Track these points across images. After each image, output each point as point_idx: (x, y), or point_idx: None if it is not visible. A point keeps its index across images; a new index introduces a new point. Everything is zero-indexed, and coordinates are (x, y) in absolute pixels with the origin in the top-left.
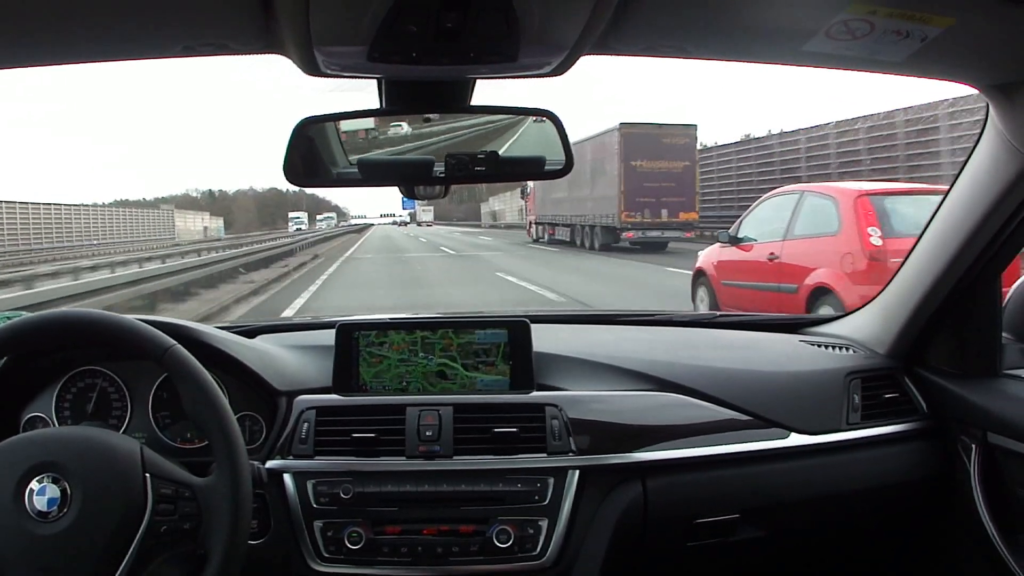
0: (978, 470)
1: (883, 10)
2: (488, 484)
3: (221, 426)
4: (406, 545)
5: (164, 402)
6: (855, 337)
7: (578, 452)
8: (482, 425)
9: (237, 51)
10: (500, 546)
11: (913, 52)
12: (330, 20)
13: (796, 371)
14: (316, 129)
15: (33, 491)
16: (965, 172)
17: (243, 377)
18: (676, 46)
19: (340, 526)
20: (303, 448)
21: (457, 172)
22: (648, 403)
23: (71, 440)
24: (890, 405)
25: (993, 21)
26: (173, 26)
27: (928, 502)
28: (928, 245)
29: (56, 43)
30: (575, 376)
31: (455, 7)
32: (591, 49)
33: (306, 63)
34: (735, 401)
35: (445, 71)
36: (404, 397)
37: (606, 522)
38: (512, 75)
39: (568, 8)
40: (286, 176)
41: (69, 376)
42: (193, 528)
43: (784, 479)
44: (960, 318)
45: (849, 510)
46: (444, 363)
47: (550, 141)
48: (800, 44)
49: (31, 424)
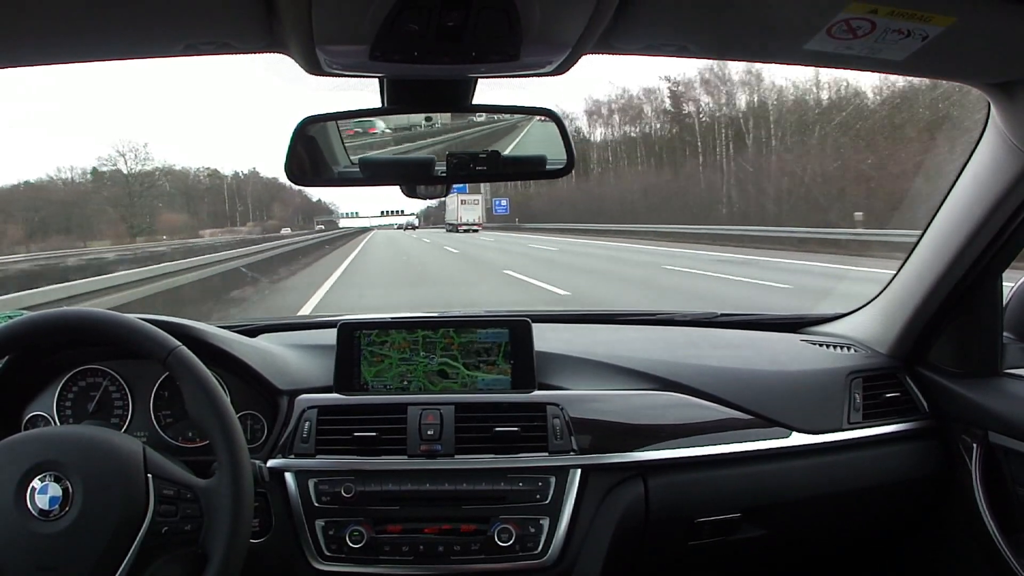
0: (979, 469)
1: (884, 9)
2: (489, 483)
3: (223, 427)
4: (407, 544)
5: (165, 401)
6: (856, 336)
7: (579, 451)
8: (483, 424)
9: (239, 50)
10: (501, 545)
11: (914, 51)
12: (332, 19)
13: (797, 370)
14: (318, 128)
15: (35, 489)
16: (966, 171)
17: (245, 376)
18: (677, 45)
19: (342, 525)
20: (304, 447)
21: (458, 172)
22: (649, 402)
23: (73, 439)
24: (891, 404)
25: (994, 20)
26: (175, 25)
27: (929, 501)
28: (929, 244)
29: (57, 42)
30: (576, 375)
31: (457, 6)
32: (593, 48)
33: (308, 62)
34: (736, 400)
35: (447, 70)
36: (405, 396)
37: (607, 521)
38: (514, 74)
39: (570, 7)
40: (287, 175)
41: (70, 375)
42: (194, 529)
43: (785, 478)
44: (961, 317)
45: (850, 509)
46: (445, 362)
47: (551, 140)
48: (801, 43)
49: (32, 423)
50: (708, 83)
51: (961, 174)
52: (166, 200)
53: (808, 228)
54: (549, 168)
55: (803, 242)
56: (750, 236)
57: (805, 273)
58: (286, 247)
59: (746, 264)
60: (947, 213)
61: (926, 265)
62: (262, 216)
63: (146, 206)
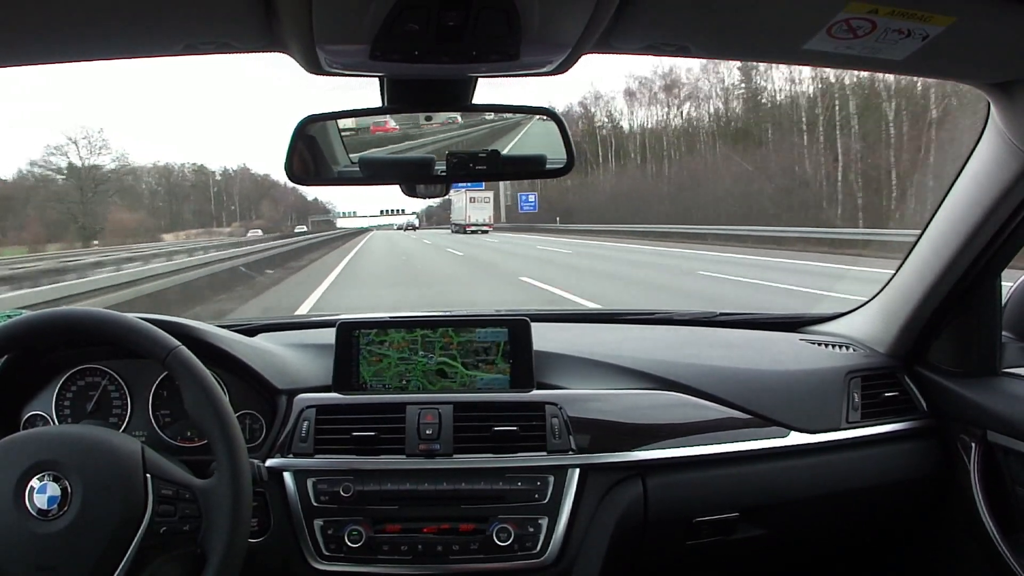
0: (978, 469)
1: (884, 9)
2: (488, 482)
3: (222, 426)
4: (406, 543)
5: (164, 400)
6: (855, 336)
7: (578, 451)
8: (482, 423)
9: (239, 49)
10: (500, 544)
11: (914, 51)
12: (332, 18)
13: (796, 370)
14: (318, 127)
15: (33, 489)
16: (966, 170)
17: (243, 376)
18: (677, 45)
19: (340, 524)
20: (303, 446)
21: (458, 171)
22: (648, 402)
23: (72, 438)
24: (890, 404)
25: (994, 20)
26: (175, 25)
27: (928, 501)
28: (928, 243)
29: (57, 42)
30: (575, 375)
31: (457, 6)
32: (593, 48)
33: (308, 61)
34: (735, 400)
35: (447, 70)
36: (404, 395)
37: (606, 520)
38: (514, 74)
39: (570, 7)
40: (287, 174)
41: (69, 374)
42: (193, 529)
43: (784, 478)
44: (960, 317)
45: (849, 509)
46: (444, 361)
47: (552, 140)
48: (801, 42)
49: (31, 422)
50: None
51: (961, 174)
52: (133, 197)
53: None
54: (549, 168)
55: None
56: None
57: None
58: (241, 257)
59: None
60: (947, 212)
61: (925, 264)
62: (251, 215)
63: (102, 203)
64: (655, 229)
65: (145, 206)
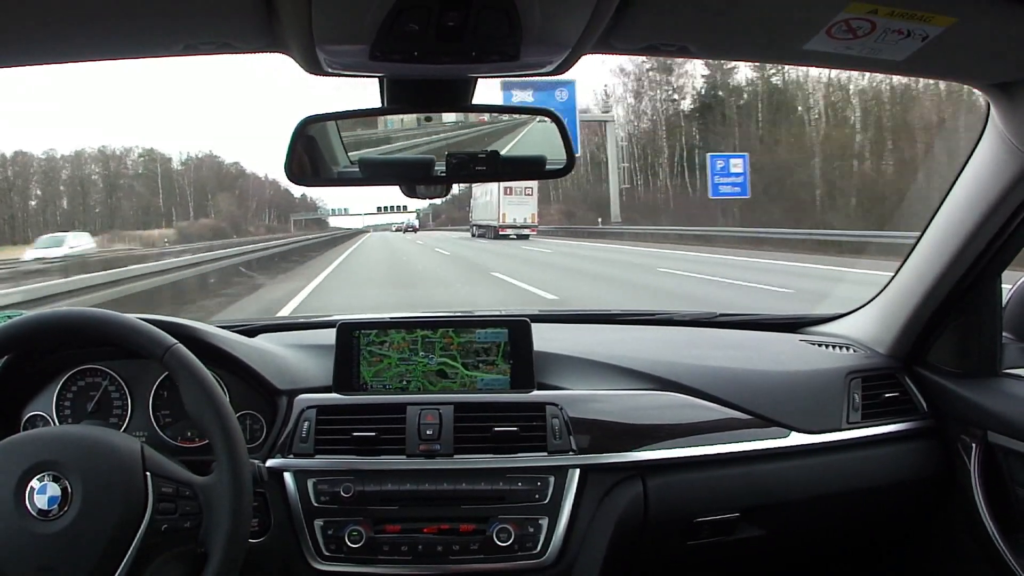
0: (978, 469)
1: (884, 9)
2: (488, 483)
3: (222, 425)
4: (406, 544)
5: (164, 401)
6: (855, 336)
7: (578, 451)
8: (482, 424)
9: (239, 50)
10: (500, 545)
11: (914, 51)
12: (332, 19)
13: (796, 370)
14: (317, 128)
15: (34, 489)
16: (966, 171)
17: (244, 376)
18: (677, 45)
19: (340, 525)
20: (303, 447)
21: (458, 171)
22: (648, 402)
23: (72, 439)
24: (890, 404)
25: (994, 20)
26: (175, 25)
27: (928, 501)
28: (929, 244)
29: (57, 42)
30: (575, 375)
31: (457, 6)
32: (593, 48)
33: (308, 62)
34: (735, 400)
35: (447, 70)
36: (404, 396)
37: (606, 521)
38: (514, 74)
39: (569, 7)
40: (287, 175)
41: (69, 375)
42: (194, 527)
43: (784, 478)
44: (960, 317)
45: (849, 509)
46: (444, 362)
47: (551, 140)
48: (801, 43)
49: (31, 423)
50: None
51: (961, 174)
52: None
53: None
54: (549, 168)
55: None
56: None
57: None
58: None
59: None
60: (947, 213)
61: (926, 265)
62: (207, 212)
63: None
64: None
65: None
